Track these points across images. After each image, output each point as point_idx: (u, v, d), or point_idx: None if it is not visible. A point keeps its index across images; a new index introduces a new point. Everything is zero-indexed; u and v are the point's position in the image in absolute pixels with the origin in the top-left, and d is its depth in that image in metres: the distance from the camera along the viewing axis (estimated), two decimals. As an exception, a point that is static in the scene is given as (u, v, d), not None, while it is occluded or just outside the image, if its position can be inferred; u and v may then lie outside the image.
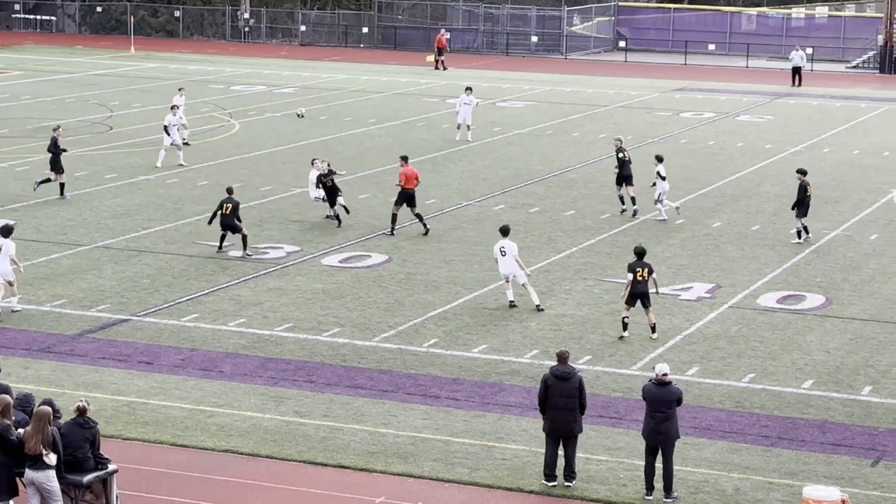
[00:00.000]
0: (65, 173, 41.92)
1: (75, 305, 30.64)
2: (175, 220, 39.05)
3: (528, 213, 41.48)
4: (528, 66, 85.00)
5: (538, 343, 28.69)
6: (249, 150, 51.17)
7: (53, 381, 25.59)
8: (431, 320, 30.20)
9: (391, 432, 23.62)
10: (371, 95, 68.77)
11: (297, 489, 21.27)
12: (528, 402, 24.73)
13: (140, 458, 22.11)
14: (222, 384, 25.83)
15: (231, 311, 30.45)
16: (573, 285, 33.35)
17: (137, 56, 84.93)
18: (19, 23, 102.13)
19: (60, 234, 37.21)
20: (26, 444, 18.71)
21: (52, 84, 69.71)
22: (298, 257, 35.28)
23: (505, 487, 21.54)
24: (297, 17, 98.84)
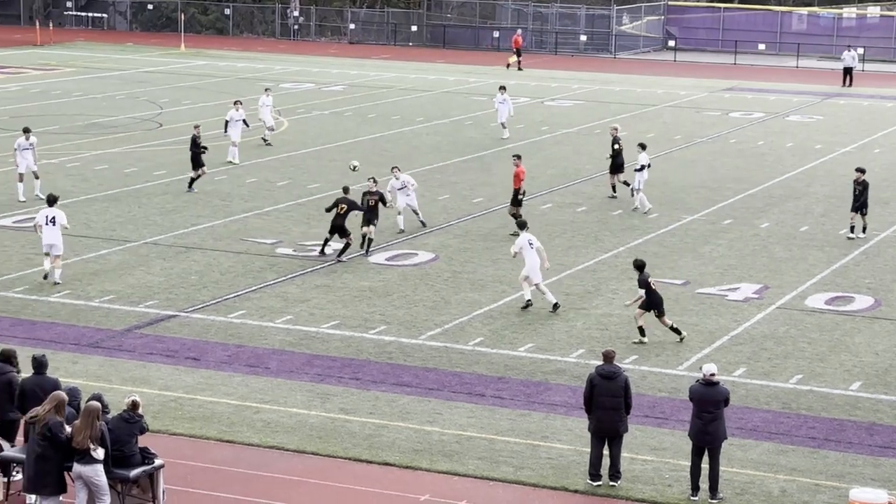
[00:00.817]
0: (204, 167, 42.39)
1: (124, 301, 30.81)
2: (223, 217, 39.20)
3: (576, 212, 41.41)
4: (577, 65, 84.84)
5: (584, 342, 28.64)
6: (297, 147, 51.31)
7: (101, 375, 25.75)
8: (477, 319, 30.20)
9: (436, 430, 23.64)
10: (419, 94, 68.82)
11: (342, 486, 21.31)
12: (573, 402, 24.69)
13: (186, 453, 22.21)
14: (268, 380, 25.92)
15: (278, 308, 30.55)
16: (620, 285, 33.27)
17: (187, 53, 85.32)
18: (71, 20, 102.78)
19: (109, 230, 37.43)
20: (74, 438, 18.84)
21: (102, 81, 70.12)
22: (346, 255, 35.32)
23: (550, 486, 21.51)
24: (347, 16, 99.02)
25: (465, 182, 45.56)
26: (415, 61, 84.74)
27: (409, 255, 35.50)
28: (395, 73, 77.92)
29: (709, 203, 43.14)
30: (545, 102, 66.83)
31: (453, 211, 40.57)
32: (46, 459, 18.88)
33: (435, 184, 44.83)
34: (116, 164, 46.87)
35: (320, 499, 20.88)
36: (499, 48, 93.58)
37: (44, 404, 19.05)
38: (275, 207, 40.70)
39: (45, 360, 20.87)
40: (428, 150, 51.54)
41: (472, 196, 43.28)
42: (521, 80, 75.88)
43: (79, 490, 19.12)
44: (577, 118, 61.30)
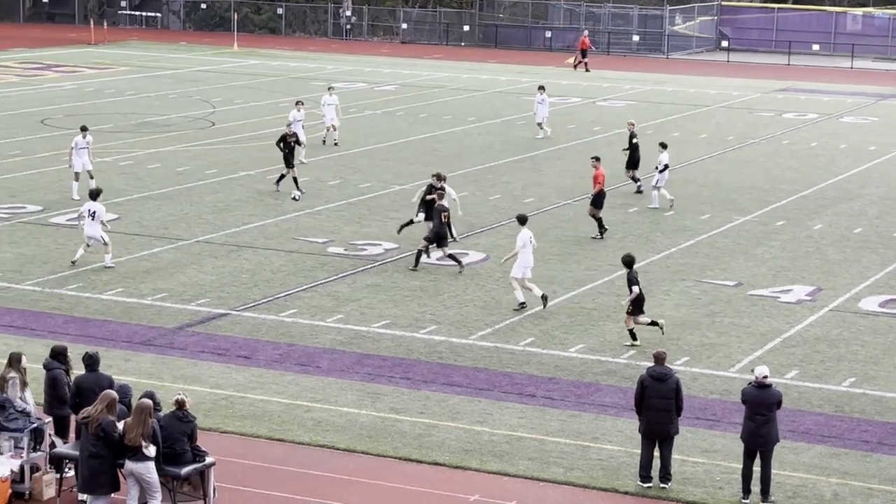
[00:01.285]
0: (293, 168, 42.14)
1: (175, 299, 30.94)
2: (275, 216, 39.31)
3: (627, 212, 41.29)
4: (629, 65, 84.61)
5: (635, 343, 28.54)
6: (349, 146, 51.38)
7: (153, 373, 25.86)
8: (528, 319, 30.14)
9: (486, 430, 23.61)
10: (471, 93, 68.81)
11: (392, 485, 21.32)
12: (624, 403, 24.61)
13: (237, 451, 22.27)
14: (319, 379, 25.96)
15: (329, 307, 30.60)
16: (671, 286, 33.14)
17: (240, 53, 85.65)
18: (125, 19, 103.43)
19: (162, 228, 37.60)
20: (127, 435, 18.93)
21: (155, 80, 70.49)
22: (396, 254, 35.36)
23: (600, 488, 21.45)
24: (399, 15, 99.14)
25: (517, 182, 45.51)
26: (467, 61, 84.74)
27: (460, 254, 35.45)
28: (447, 72, 77.95)
29: (762, 204, 42.91)
30: (597, 102, 66.67)
31: (504, 211, 40.52)
32: (100, 459, 18.97)
33: (486, 184, 44.79)
34: (169, 162, 47.10)
35: (370, 498, 20.89)
36: (551, 48, 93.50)
37: (95, 404, 19.14)
38: (326, 207, 40.78)
39: (98, 357, 20.98)
40: (479, 150, 51.51)
41: (523, 196, 43.22)
42: (573, 80, 75.78)
43: (130, 487, 19.22)
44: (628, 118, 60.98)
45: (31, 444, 20.47)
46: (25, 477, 20.33)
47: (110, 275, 32.53)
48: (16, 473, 20.26)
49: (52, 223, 37.58)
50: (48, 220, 38.00)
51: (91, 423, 18.92)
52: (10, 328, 28.40)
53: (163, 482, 19.40)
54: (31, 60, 78.24)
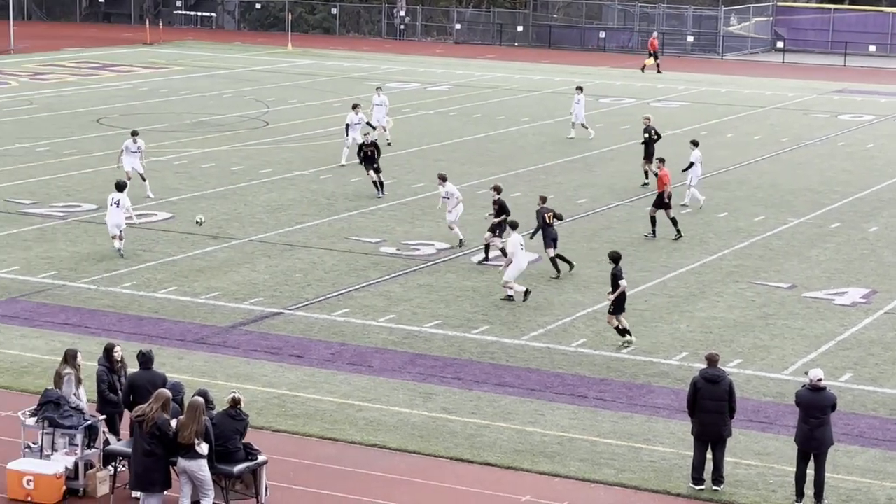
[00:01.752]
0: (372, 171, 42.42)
1: (229, 298, 31.07)
2: (328, 216, 39.41)
3: (680, 214, 41.09)
4: (684, 66, 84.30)
5: (688, 345, 28.44)
6: (402, 146, 51.44)
7: (206, 371, 25.97)
8: (580, 320, 30.09)
9: (538, 431, 23.58)
10: (524, 94, 68.76)
11: (443, 485, 21.33)
12: (676, 405, 24.51)
13: (289, 449, 22.34)
14: (371, 379, 26.00)
15: (381, 307, 30.64)
16: (724, 288, 33.00)
17: (294, 53, 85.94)
18: (180, 19, 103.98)
19: (216, 227, 37.76)
20: (180, 433, 19.02)
21: (210, 79, 70.82)
22: (449, 254, 35.38)
23: (652, 490, 21.39)
24: (453, 16, 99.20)
25: (570, 182, 45.44)
26: (520, 61, 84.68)
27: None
28: (500, 73, 77.93)
29: (816, 206, 42.66)
30: (651, 103, 66.44)
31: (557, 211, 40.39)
32: (154, 457, 19.07)
33: (539, 184, 44.73)
34: (223, 161, 47.30)
35: (422, 498, 20.91)
36: (604, 49, 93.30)
37: (150, 402, 19.23)
38: (379, 207, 40.84)
39: (151, 355, 21.08)
40: (533, 151, 51.47)
41: (575, 197, 43.15)
42: (627, 81, 75.59)
43: (183, 485, 19.31)
44: (683, 119, 60.89)
45: (86, 441, 20.61)
46: (80, 474, 20.47)
47: (164, 273, 32.71)
48: (70, 470, 20.41)
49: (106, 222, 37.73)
50: (103, 218, 38.19)
51: (146, 421, 19.01)
52: (66, 326, 28.61)
53: (215, 480, 19.49)
54: (86, 60, 78.79)
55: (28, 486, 20.13)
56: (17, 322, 28.83)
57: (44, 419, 20.61)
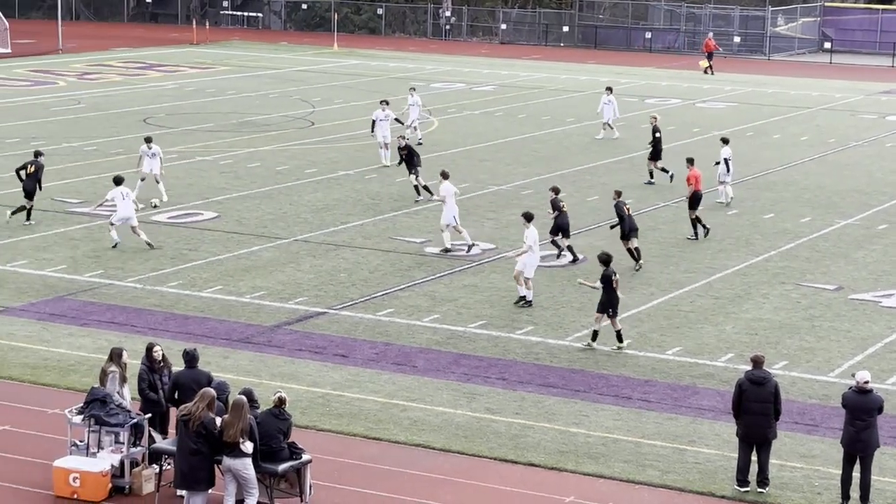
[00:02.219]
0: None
1: (274, 297, 31.16)
2: (373, 216, 39.47)
3: (727, 215, 40.99)
4: (730, 66, 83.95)
5: (733, 347, 28.33)
6: (447, 147, 51.46)
7: (251, 370, 26.06)
8: (625, 321, 29.97)
9: (582, 432, 23.55)
10: (570, 94, 68.65)
11: (487, 486, 21.32)
12: (721, 406, 24.42)
13: (333, 449, 22.38)
14: (415, 379, 26.03)
15: (425, 307, 30.66)
16: (770, 289, 32.85)
17: (340, 53, 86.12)
18: (227, 19, 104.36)
19: (261, 227, 37.89)
20: (225, 432, 19.08)
21: (256, 79, 71.05)
22: (494, 254, 35.36)
23: (696, 491, 21.32)
24: (498, 16, 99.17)
25: (615, 183, 45.14)
26: (566, 62, 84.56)
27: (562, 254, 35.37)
28: (545, 73, 77.84)
29: (863, 207, 42.42)
30: (696, 104, 66.24)
31: (602, 212, 40.36)
32: (200, 456, 19.14)
33: (584, 185, 44.68)
34: (269, 161, 47.45)
35: (465, 498, 20.91)
36: (650, 49, 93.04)
37: (195, 401, 19.29)
38: (424, 207, 40.86)
39: (197, 354, 21.18)
40: (578, 151, 51.40)
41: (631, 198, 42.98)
42: (672, 82, 75.36)
43: (228, 483, 19.38)
44: (729, 120, 60.67)
45: (132, 439, 20.71)
46: (125, 472, 20.57)
47: (210, 272, 32.84)
48: (116, 468, 20.52)
49: (152, 220, 37.99)
50: (149, 217, 38.42)
51: (192, 420, 19.08)
52: (112, 324, 28.76)
53: (260, 479, 19.55)
54: (133, 60, 79.20)
55: (74, 483, 20.25)
56: (64, 320, 29.01)
57: (90, 417, 20.73)
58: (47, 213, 38.46)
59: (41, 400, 24.20)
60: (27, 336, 27.83)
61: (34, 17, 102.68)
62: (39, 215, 38.22)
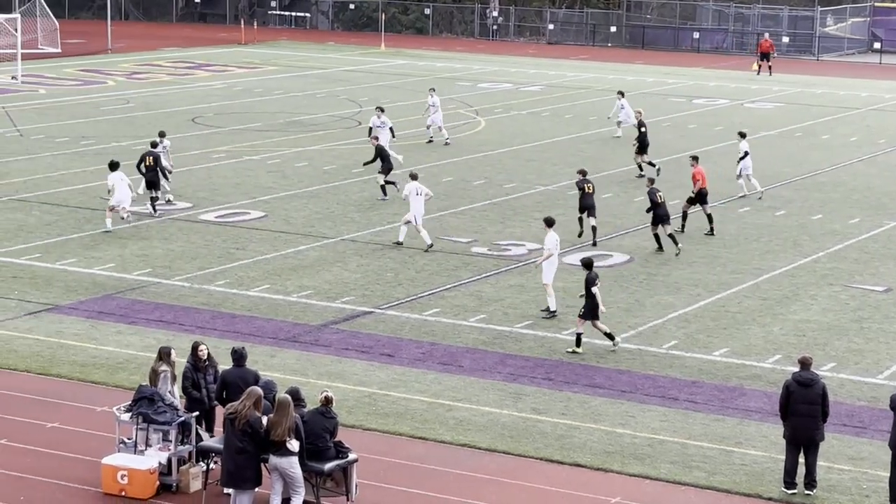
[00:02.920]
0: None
1: (321, 296, 31.24)
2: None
3: (774, 216, 40.81)
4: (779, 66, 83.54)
5: (781, 348, 28.21)
6: (494, 147, 51.46)
7: (298, 369, 26.13)
8: (672, 322, 29.94)
9: (628, 433, 23.50)
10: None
11: (533, 486, 21.31)
12: (768, 408, 24.32)
13: (379, 448, 22.42)
14: (461, 378, 26.04)
15: (472, 307, 30.67)
16: (819, 290, 32.69)
17: (387, 53, 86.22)
18: (275, 19, 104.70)
19: (308, 226, 37.99)
20: (273, 431, 19.13)
21: (303, 79, 71.24)
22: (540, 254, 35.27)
23: (743, 493, 21.24)
24: (546, 16, 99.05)
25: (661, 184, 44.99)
26: (613, 62, 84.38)
27: (603, 256, 35.34)
28: (592, 73, 77.70)
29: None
30: (745, 105, 65.97)
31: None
32: (246, 454, 19.20)
33: (631, 185, 44.58)
34: (316, 161, 47.57)
35: (511, 498, 20.90)
36: (698, 49, 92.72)
37: (242, 400, 19.35)
38: (470, 206, 40.89)
39: (245, 353, 21.26)
40: (624, 152, 51.21)
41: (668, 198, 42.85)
42: (720, 82, 75.09)
43: (274, 482, 19.44)
44: (777, 121, 60.40)
45: (179, 437, 20.81)
46: (173, 469, 20.68)
47: (257, 271, 32.95)
48: (163, 466, 20.62)
49: (200, 220, 38.17)
50: (197, 216, 38.61)
51: (238, 419, 19.15)
52: (160, 323, 28.91)
53: (306, 477, 19.61)
54: (182, 59, 79.57)
55: (122, 480, 20.37)
56: (113, 318, 29.19)
57: (138, 415, 20.85)
58: (96, 212, 38.68)
59: (90, 398, 24.36)
60: (76, 334, 28.02)
61: (84, 18, 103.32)
62: (89, 214, 38.49)
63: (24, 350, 26.90)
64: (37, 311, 29.64)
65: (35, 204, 39.66)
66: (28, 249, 34.38)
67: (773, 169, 48.47)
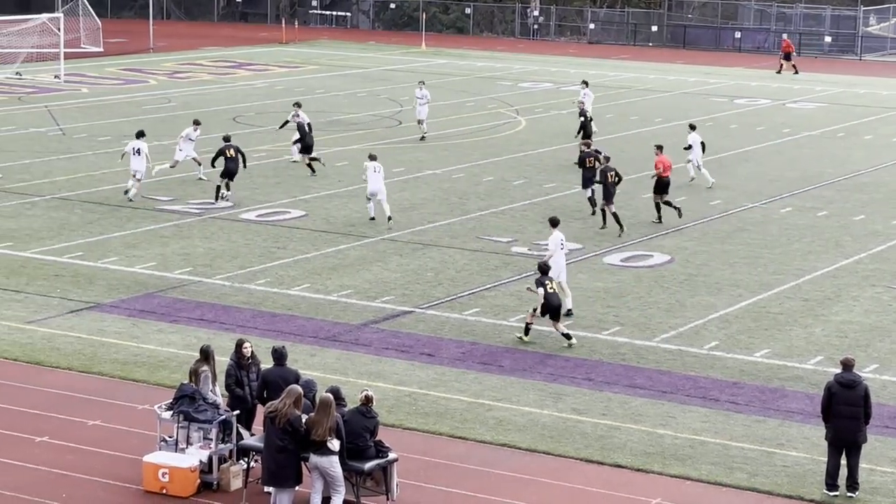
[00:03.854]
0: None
1: (361, 296, 31.26)
2: (460, 215, 39.49)
3: (816, 216, 40.63)
4: (821, 66, 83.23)
5: (823, 349, 28.07)
6: (534, 146, 51.40)
7: (338, 369, 26.16)
8: (713, 322, 29.84)
9: (669, 433, 23.43)
10: (658, 94, 68.32)
11: (573, 486, 21.28)
12: (810, 410, 24.20)
13: (419, 448, 22.42)
14: (501, 378, 26.01)
15: (512, 307, 30.64)
16: (861, 292, 32.51)
17: (428, 52, 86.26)
18: (315, 18, 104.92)
19: (349, 225, 38.03)
20: (313, 430, 19.15)
21: (344, 78, 71.35)
22: (580, 255, 35.27)
23: (784, 495, 21.14)
24: (587, 15, 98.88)
25: (703, 184, 45.02)
26: (654, 62, 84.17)
27: (644, 256, 35.28)
28: (633, 73, 77.53)
29: (956, 209, 41.88)
30: (787, 105, 65.69)
31: (690, 213, 40.17)
32: (286, 453, 19.23)
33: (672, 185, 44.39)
34: (357, 160, 47.54)
35: (551, 498, 20.87)
36: (740, 49, 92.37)
37: (282, 398, 19.38)
38: (510, 206, 40.86)
39: (285, 352, 21.28)
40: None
41: (709, 198, 42.80)
42: (762, 82, 74.80)
43: (315, 481, 19.47)
44: (819, 121, 60.14)
45: (220, 435, 20.87)
46: (213, 468, 20.74)
47: (298, 271, 33.02)
48: (204, 464, 20.68)
49: (241, 219, 38.28)
50: (238, 215, 38.73)
51: (279, 417, 19.17)
52: (201, 321, 29.00)
53: (346, 477, 19.63)
54: (223, 59, 79.83)
55: (163, 478, 20.45)
56: (154, 317, 29.30)
57: (179, 413, 20.91)
58: (137, 211, 38.87)
59: (131, 396, 24.46)
60: (117, 332, 28.14)
61: (126, 17, 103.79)
62: (130, 212, 38.67)
63: (67, 348, 27.04)
64: (79, 309, 29.79)
65: (77, 202, 39.87)
66: (70, 248, 34.55)
67: (816, 169, 48.25)
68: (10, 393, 24.45)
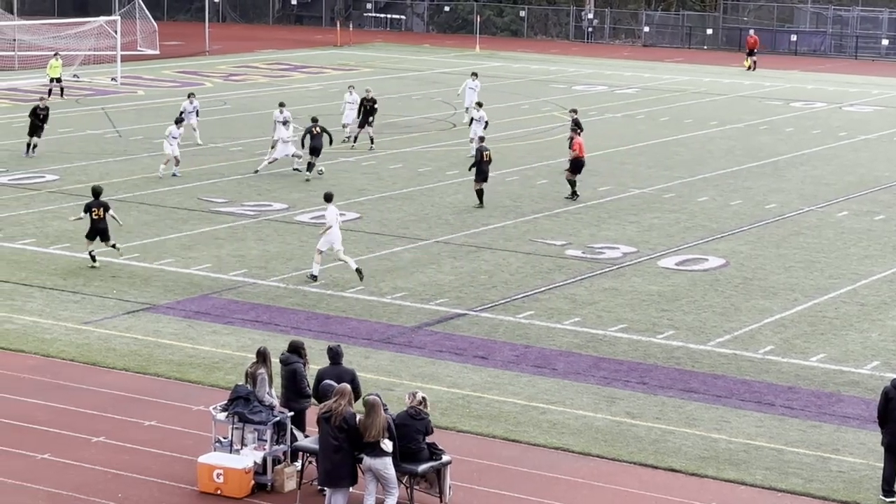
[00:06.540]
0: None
1: (415, 298, 31.30)
2: (514, 218, 39.48)
3: (873, 220, 40.36)
4: (878, 69, 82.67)
5: (879, 354, 27.88)
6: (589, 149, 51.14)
7: (392, 371, 26.20)
8: (768, 326, 29.69)
9: (723, 438, 23.33)
10: (713, 97, 68.07)
11: (627, 490, 21.22)
12: (866, 415, 24.05)
13: (473, 450, 22.42)
14: (555, 381, 25.98)
15: (566, 310, 30.60)
16: (918, 296, 32.28)
17: (482, 55, 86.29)
18: (370, 21, 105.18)
19: (402, 227, 38.09)
20: (367, 433, 19.16)
21: (399, 81, 71.46)
22: (635, 258, 35.19)
23: (840, 501, 21.00)
24: (641, 18, 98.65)
25: (758, 187, 44.86)
26: (709, 65, 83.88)
27: (699, 259, 35.15)
28: (688, 76, 77.28)
29: None
30: (843, 108, 65.30)
31: (745, 216, 40.00)
32: (342, 452, 19.26)
33: (727, 189, 44.27)
34: (410, 163, 47.70)
35: (604, 502, 20.83)
36: (796, 52, 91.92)
37: (335, 398, 19.38)
38: (565, 209, 40.80)
39: (341, 350, 21.31)
40: (721, 155, 50.94)
41: (764, 202, 42.59)
42: (818, 85, 74.38)
43: (368, 482, 19.50)
44: (876, 124, 59.75)
45: (274, 436, 20.95)
46: (268, 469, 20.81)
47: (351, 273, 33.03)
48: (259, 465, 20.76)
49: (296, 221, 38.41)
50: (293, 217, 38.86)
51: (334, 416, 19.21)
52: (256, 323, 29.11)
53: (399, 478, 19.65)
54: (279, 61, 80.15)
55: (218, 479, 20.54)
56: (209, 318, 29.44)
57: (234, 414, 21.00)
58: (193, 213, 39.07)
59: (186, 396, 24.59)
60: (173, 333, 28.30)
61: (182, 20, 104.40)
62: (185, 214, 38.89)
63: (123, 349, 27.22)
64: (135, 310, 29.98)
65: (134, 204, 40.12)
66: (126, 249, 34.76)
67: (873, 173, 47.94)
68: (66, 393, 24.64)
